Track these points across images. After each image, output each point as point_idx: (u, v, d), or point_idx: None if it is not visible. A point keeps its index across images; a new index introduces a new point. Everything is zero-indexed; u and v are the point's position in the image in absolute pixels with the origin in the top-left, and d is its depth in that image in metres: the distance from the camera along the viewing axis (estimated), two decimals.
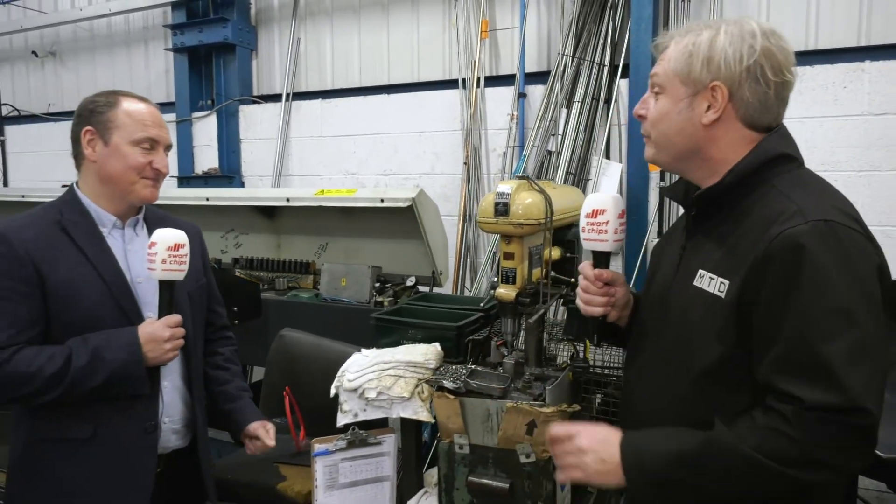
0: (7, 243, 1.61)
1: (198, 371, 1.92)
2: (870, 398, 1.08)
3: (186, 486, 1.89)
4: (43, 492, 1.67)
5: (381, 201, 3.08)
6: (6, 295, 1.59)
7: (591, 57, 3.61)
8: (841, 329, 1.09)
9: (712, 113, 1.27)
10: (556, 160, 3.58)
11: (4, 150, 6.40)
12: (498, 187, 1.86)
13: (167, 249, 1.65)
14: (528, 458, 1.79)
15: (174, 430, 1.83)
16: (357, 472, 2.03)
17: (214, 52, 4.99)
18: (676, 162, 1.37)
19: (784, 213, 1.17)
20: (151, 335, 1.65)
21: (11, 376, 1.55)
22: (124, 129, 1.72)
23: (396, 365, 1.97)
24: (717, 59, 1.25)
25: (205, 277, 2.00)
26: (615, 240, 1.46)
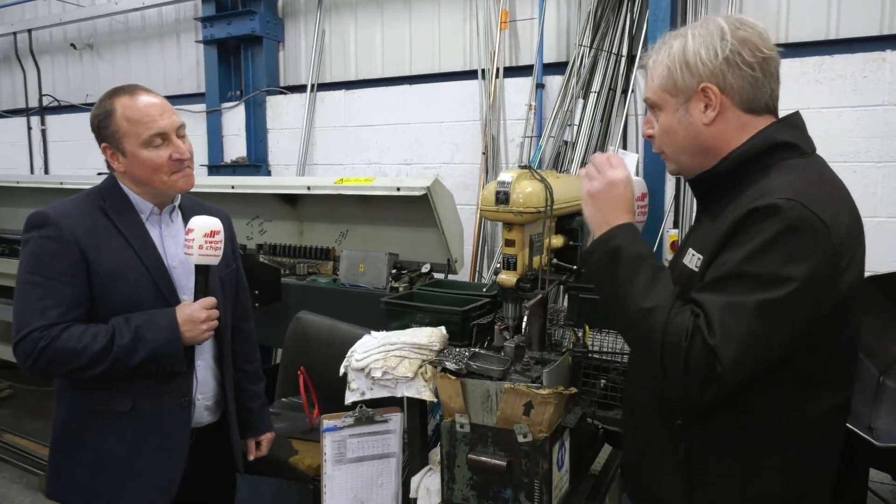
0: (57, 228, 1.70)
1: (228, 351, 2.01)
2: (731, 353, 1.15)
3: (217, 458, 2.00)
4: (84, 460, 1.78)
5: (398, 190, 3.16)
6: (55, 276, 1.68)
7: (609, 47, 3.63)
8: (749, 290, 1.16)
9: (711, 111, 1.31)
10: (572, 150, 3.61)
11: (45, 139, 6.65)
12: (499, 176, 1.92)
13: (204, 236, 1.73)
14: (525, 438, 1.86)
15: (206, 407, 1.93)
16: (364, 448, 2.12)
17: (243, 44, 5.12)
18: (697, 164, 1.39)
19: (757, 195, 1.22)
20: (189, 316, 1.74)
21: (61, 352, 1.65)
22: (130, 135, 1.74)
23: (402, 346, 2.06)
24: (694, 63, 1.30)
25: (234, 263, 2.09)
26: (636, 221, 1.48)
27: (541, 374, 1.89)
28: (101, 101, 1.79)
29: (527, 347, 2.06)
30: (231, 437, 2.01)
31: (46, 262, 1.69)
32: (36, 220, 1.73)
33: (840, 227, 1.20)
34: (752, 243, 1.18)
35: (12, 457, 4.17)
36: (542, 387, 1.84)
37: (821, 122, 3.24)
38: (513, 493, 1.90)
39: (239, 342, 2.12)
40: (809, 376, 1.26)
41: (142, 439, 1.78)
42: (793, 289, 1.15)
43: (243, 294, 2.17)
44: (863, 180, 3.18)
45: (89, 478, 1.78)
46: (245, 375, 2.14)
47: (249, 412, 2.12)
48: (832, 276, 1.19)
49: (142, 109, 1.75)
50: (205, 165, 5.26)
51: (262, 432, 2.16)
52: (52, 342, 1.64)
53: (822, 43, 3.27)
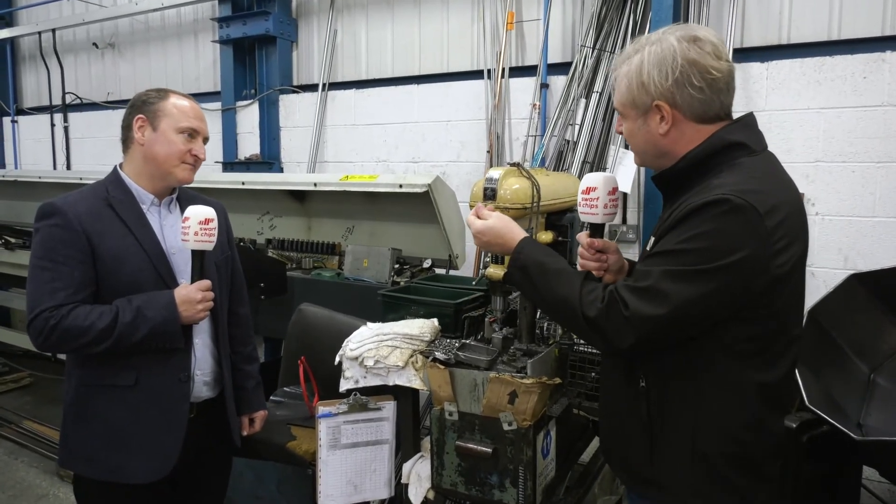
0: (64, 216, 1.87)
1: (224, 331, 2.16)
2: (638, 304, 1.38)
3: (215, 433, 2.14)
4: (92, 430, 1.93)
5: (400, 187, 3.24)
6: (63, 261, 1.85)
7: (612, 48, 3.67)
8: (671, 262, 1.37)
9: (664, 125, 1.48)
10: (574, 149, 3.66)
11: (68, 136, 6.83)
12: (488, 173, 1.99)
13: (199, 223, 1.88)
14: (510, 426, 1.93)
15: (205, 382, 2.07)
16: (358, 435, 2.20)
17: (257, 44, 5.22)
18: (657, 163, 1.57)
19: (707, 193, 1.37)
20: (186, 297, 1.90)
21: (70, 329, 1.81)
22: (171, 118, 1.96)
23: (394, 336, 2.14)
24: (647, 83, 1.45)
25: (230, 251, 2.23)
26: (605, 213, 1.65)
27: (526, 365, 1.96)
28: (154, 90, 2.03)
29: (516, 339, 2.13)
30: (228, 412, 2.13)
31: (55, 247, 1.85)
32: (45, 210, 1.89)
33: (776, 216, 1.34)
34: (689, 230, 1.35)
35: (31, 442, 4.33)
36: (526, 376, 1.91)
37: (821, 123, 3.26)
38: (498, 479, 1.97)
39: (235, 325, 2.25)
40: (743, 347, 1.41)
41: (145, 411, 1.92)
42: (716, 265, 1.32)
43: (239, 281, 2.30)
44: (862, 180, 3.20)
45: (97, 447, 1.92)
46: (241, 357, 2.26)
47: (244, 391, 2.25)
48: (764, 258, 1.34)
49: (191, 108, 2.02)
50: (219, 162, 5.38)
51: (255, 409, 2.29)
52: (61, 321, 1.80)
53: (823, 44, 3.28)
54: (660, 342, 1.43)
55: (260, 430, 2.30)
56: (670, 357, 1.46)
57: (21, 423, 4.62)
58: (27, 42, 7.17)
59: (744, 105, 3.34)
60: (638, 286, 1.39)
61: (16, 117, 7.31)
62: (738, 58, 3.40)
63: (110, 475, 1.92)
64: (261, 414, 2.30)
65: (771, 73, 3.36)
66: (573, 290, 1.47)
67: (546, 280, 1.54)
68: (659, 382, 1.49)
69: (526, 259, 1.60)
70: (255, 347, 2.38)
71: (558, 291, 1.50)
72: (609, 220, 1.69)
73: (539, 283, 1.56)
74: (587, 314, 1.43)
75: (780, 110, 3.33)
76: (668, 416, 1.48)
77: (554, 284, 1.52)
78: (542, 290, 1.55)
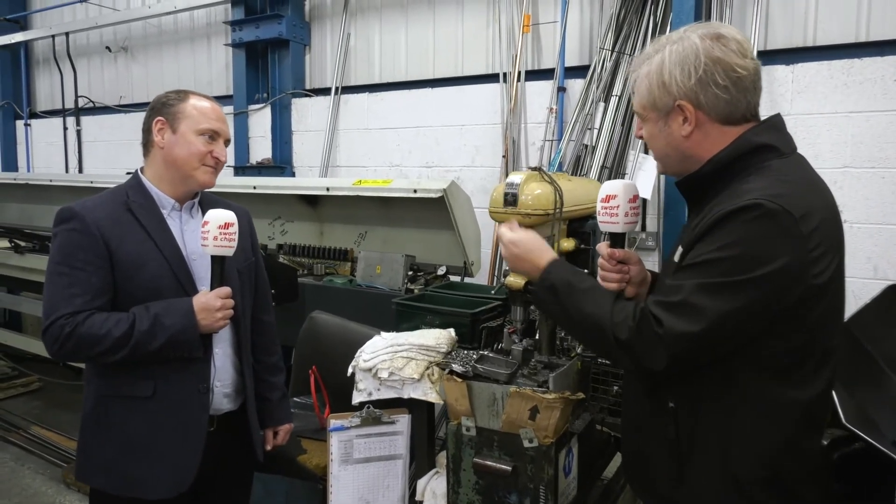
0: (82, 221, 1.81)
1: (247, 340, 2.07)
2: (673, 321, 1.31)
3: (237, 445, 2.05)
4: (109, 441, 1.86)
5: (415, 192, 3.16)
6: (81, 266, 1.79)
7: (632, 51, 3.59)
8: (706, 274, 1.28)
9: (687, 126, 1.40)
10: (592, 154, 3.57)
11: (80, 140, 6.83)
12: (508, 178, 1.91)
13: (218, 227, 1.81)
14: (531, 443, 1.85)
15: (225, 394, 1.99)
16: (371, 449, 2.12)
17: (270, 48, 5.19)
18: (680, 168, 1.49)
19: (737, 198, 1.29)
20: (205, 304, 1.82)
21: (86, 337, 1.75)
22: (191, 120, 1.90)
23: (409, 347, 2.06)
24: (668, 83, 1.37)
25: (253, 257, 2.16)
26: (626, 222, 1.56)
27: (548, 379, 1.87)
28: (174, 91, 1.97)
29: (536, 351, 2.04)
30: (251, 426, 2.05)
31: (73, 252, 1.79)
32: (63, 214, 1.84)
33: (811, 221, 1.26)
34: (720, 238, 1.27)
35: (39, 449, 4.27)
36: (548, 391, 1.83)
37: (849, 127, 3.16)
38: (518, 499, 1.88)
39: (258, 334, 2.17)
40: (778, 363, 1.33)
41: (163, 423, 1.85)
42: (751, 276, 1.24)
43: (263, 287, 2.22)
44: (893, 187, 3.09)
45: (114, 458, 1.86)
46: (265, 367, 2.18)
47: (268, 403, 2.16)
48: (800, 266, 1.25)
49: (211, 109, 1.95)
50: (231, 166, 5.34)
51: (280, 423, 2.19)
52: (76, 328, 1.74)
53: (851, 45, 3.18)
54: (693, 361, 1.34)
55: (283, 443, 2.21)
56: (700, 375, 1.37)
57: (29, 428, 4.57)
58: (41, 46, 7.18)
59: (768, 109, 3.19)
60: (670, 301, 1.31)
61: (29, 121, 7.32)
62: (762, 60, 3.23)
63: (128, 489, 1.85)
64: (285, 427, 2.20)
65: (797, 75, 3.26)
66: (603, 310, 1.41)
67: (574, 300, 1.47)
68: (688, 402, 1.40)
69: (555, 278, 1.53)
70: (281, 357, 2.28)
71: (587, 311, 1.44)
72: (630, 228, 1.61)
73: (567, 304, 1.49)
74: (618, 335, 1.36)
75: (806, 114, 3.23)
76: (697, 438, 1.40)
77: (582, 304, 1.46)
78: (571, 310, 1.48)
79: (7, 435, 4.56)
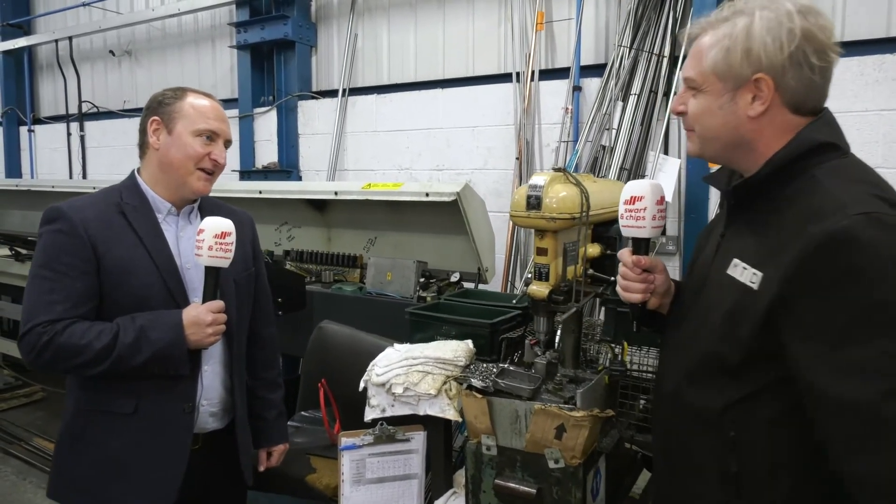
0: (69, 222, 1.69)
1: (240, 357, 1.94)
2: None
3: (224, 466, 1.92)
4: (86, 458, 1.75)
5: (427, 195, 3.04)
6: (64, 270, 1.67)
7: (650, 48, 3.46)
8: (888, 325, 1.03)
9: (759, 104, 1.21)
10: (611, 155, 3.45)
11: (84, 145, 6.75)
12: (531, 179, 1.79)
13: (214, 237, 1.69)
14: (557, 464, 1.72)
15: (211, 413, 1.87)
16: (384, 469, 2.00)
17: (276, 49, 5.09)
18: (725, 155, 1.31)
19: (824, 209, 1.10)
20: (195, 319, 1.70)
21: (64, 347, 1.63)
22: (188, 120, 1.78)
23: (425, 361, 1.93)
24: (757, 51, 1.18)
25: (253, 266, 2.02)
26: (653, 226, 1.41)
27: (574, 395, 1.74)
28: (171, 89, 1.85)
29: (559, 364, 1.92)
30: (238, 446, 1.93)
31: (56, 255, 1.68)
32: (50, 214, 1.73)
33: None
34: (853, 275, 1.05)
35: (42, 462, 4.16)
36: (575, 408, 1.70)
37: (881, 125, 3.02)
38: None
39: (258, 348, 2.06)
40: None
41: (143, 442, 1.74)
42: None
43: (264, 299, 2.10)
44: None
45: (90, 477, 1.75)
46: (262, 383, 2.07)
47: (264, 422, 2.05)
48: None
49: (209, 107, 1.82)
50: (236, 171, 5.24)
51: (274, 443, 2.08)
52: (54, 337, 1.62)
53: (882, 41, 3.05)
54: None
55: (277, 465, 2.09)
56: (771, 401, 1.21)
57: (31, 440, 4.47)
58: (44, 51, 7.11)
59: None
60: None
61: (32, 126, 7.25)
62: None
63: None
64: (279, 448, 2.09)
65: None
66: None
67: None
68: (754, 432, 1.23)
69: None
70: (280, 373, 2.16)
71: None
72: (657, 233, 1.47)
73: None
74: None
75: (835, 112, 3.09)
76: (759, 472, 1.24)
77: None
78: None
79: (8, 447, 4.46)
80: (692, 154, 1.35)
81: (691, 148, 1.35)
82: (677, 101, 1.34)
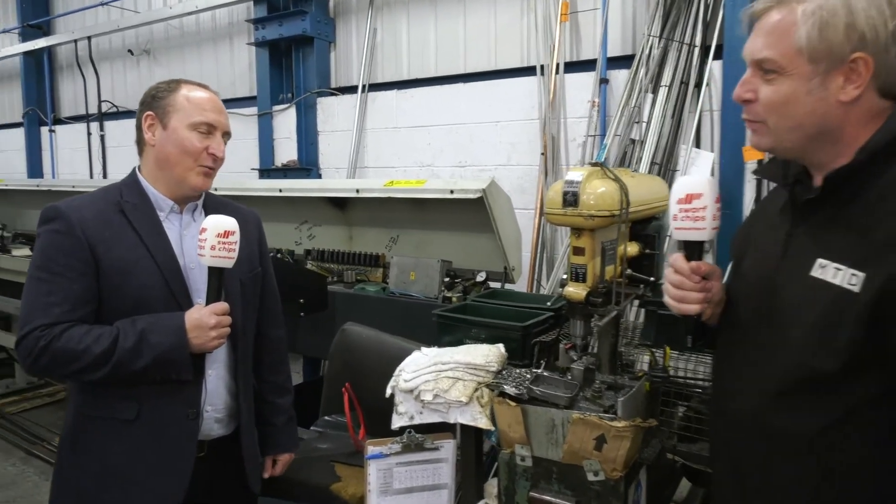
0: (66, 221, 1.63)
1: (246, 360, 1.88)
2: None
3: (229, 474, 1.86)
4: (87, 465, 1.69)
5: (451, 192, 2.95)
6: (61, 272, 1.61)
7: (681, 37, 3.34)
8: None
9: (852, 88, 1.08)
10: (640, 149, 3.33)
11: (104, 144, 6.75)
12: (567, 175, 1.69)
13: (216, 236, 1.62)
14: (597, 477, 1.63)
15: (217, 419, 1.81)
16: (413, 478, 1.92)
17: (294, 46, 5.03)
18: (801, 146, 1.17)
19: None
20: (197, 321, 1.63)
21: (62, 352, 1.57)
22: (182, 113, 1.70)
23: (455, 366, 1.84)
24: (861, 27, 1.05)
25: (260, 266, 1.95)
26: (713, 227, 1.29)
27: (615, 403, 1.65)
28: (166, 81, 1.78)
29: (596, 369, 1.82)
30: (244, 453, 1.87)
31: (53, 256, 1.63)
32: (48, 213, 1.67)
33: None
34: None
35: None
36: (616, 418, 1.60)
37: None
38: None
39: (265, 351, 2.00)
40: None
41: (145, 449, 1.68)
42: None
43: (272, 299, 2.03)
44: None
45: (91, 485, 1.69)
46: (270, 387, 2.01)
47: (272, 427, 1.99)
48: None
49: (205, 98, 1.75)
50: (256, 169, 5.19)
51: (281, 450, 2.02)
52: (52, 341, 1.56)
53: None
54: None
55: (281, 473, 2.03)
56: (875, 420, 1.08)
57: (53, 440, 4.45)
58: (64, 51, 7.12)
59: None
60: None
61: (53, 127, 7.26)
62: None
63: None
64: (285, 457, 2.03)
65: None
66: None
67: None
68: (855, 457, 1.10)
69: None
70: (290, 377, 2.10)
71: None
72: (714, 235, 1.35)
73: None
74: None
75: None
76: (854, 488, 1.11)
77: None
78: None
79: (31, 448, 4.45)
80: (762, 149, 1.21)
81: (761, 142, 1.20)
82: (743, 88, 1.18)
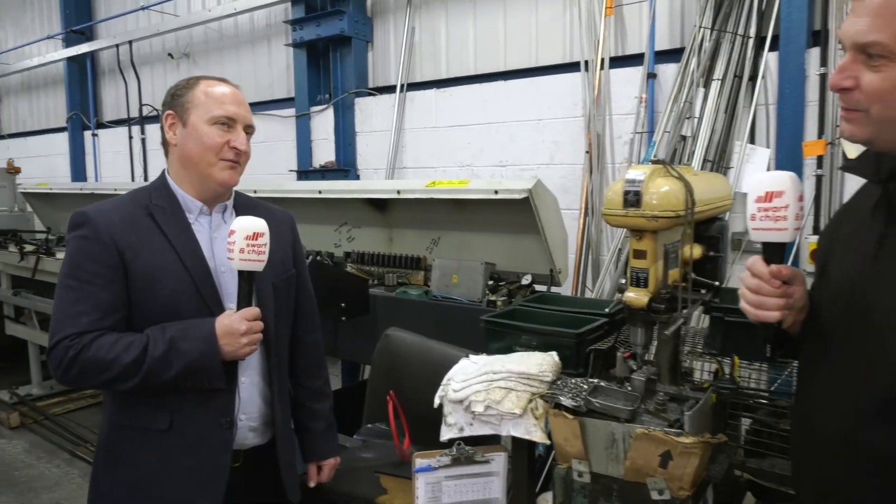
0: (93, 227, 1.60)
1: (280, 366, 1.83)
2: None
3: (266, 484, 1.81)
4: (121, 476, 1.66)
5: (496, 193, 2.87)
6: (89, 279, 1.57)
7: (734, 28, 3.19)
8: None
9: None
10: (692, 146, 3.19)
11: (145, 148, 6.82)
12: (628, 173, 1.58)
13: (245, 238, 1.58)
14: (661, 496, 1.52)
15: (251, 428, 1.76)
16: (462, 493, 1.83)
17: (331, 46, 4.99)
18: None
19: None
20: (228, 328, 1.59)
21: (91, 362, 1.54)
22: (201, 108, 1.66)
23: (508, 376, 1.75)
24: None
25: (294, 269, 1.89)
26: (795, 228, 1.20)
27: (680, 417, 1.54)
28: (188, 79, 1.75)
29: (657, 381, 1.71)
30: (280, 463, 1.81)
31: (81, 263, 1.59)
32: (76, 219, 1.63)
33: None
34: None
35: None
36: (683, 433, 1.49)
37: None
38: None
39: (301, 356, 1.95)
40: None
41: (178, 460, 1.64)
42: None
43: (307, 303, 1.98)
44: None
45: (125, 496, 1.66)
46: (307, 392, 1.96)
47: (311, 433, 1.95)
48: None
49: (223, 92, 1.71)
50: (294, 171, 5.18)
51: (324, 457, 1.97)
52: (81, 351, 1.53)
53: None
54: None
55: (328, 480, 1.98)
56: None
57: None
58: (106, 56, 7.23)
59: None
60: None
61: (96, 130, 7.39)
62: None
63: None
64: (330, 462, 1.98)
65: None
66: None
67: None
68: None
69: None
70: (328, 382, 2.04)
71: None
72: (797, 236, 1.25)
73: None
74: None
75: None
76: None
77: None
78: None
79: (75, 449, 4.50)
80: (857, 140, 1.11)
81: (858, 132, 1.10)
82: (842, 74, 1.08)
